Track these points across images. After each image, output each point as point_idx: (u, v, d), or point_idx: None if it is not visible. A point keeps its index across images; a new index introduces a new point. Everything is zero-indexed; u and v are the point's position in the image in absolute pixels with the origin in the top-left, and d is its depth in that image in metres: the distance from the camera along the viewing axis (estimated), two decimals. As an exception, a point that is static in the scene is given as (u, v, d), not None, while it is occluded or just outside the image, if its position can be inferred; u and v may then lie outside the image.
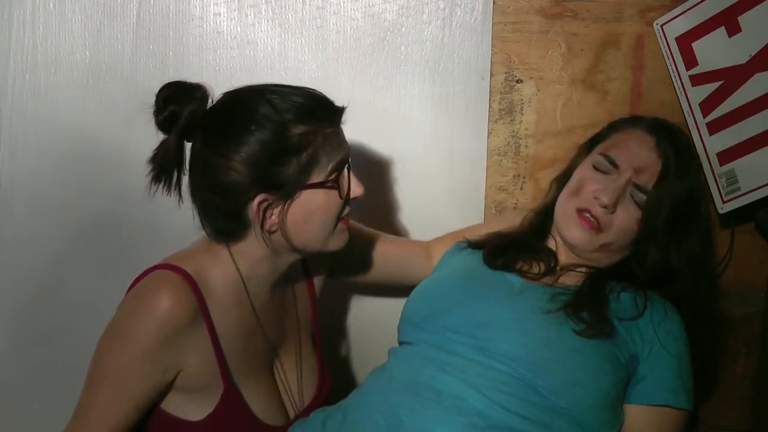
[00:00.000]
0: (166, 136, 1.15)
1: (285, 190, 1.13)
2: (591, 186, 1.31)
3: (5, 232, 1.60)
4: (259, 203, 1.13)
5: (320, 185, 1.15)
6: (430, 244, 1.52)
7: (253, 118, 1.12)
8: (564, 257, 1.36)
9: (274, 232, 1.16)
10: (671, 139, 1.33)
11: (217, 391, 1.18)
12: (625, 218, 1.29)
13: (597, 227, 1.29)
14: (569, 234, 1.31)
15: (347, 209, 1.21)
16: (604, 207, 1.28)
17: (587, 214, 1.29)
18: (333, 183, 1.16)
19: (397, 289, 1.57)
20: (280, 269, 1.24)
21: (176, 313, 1.12)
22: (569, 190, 1.35)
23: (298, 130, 1.12)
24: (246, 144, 1.11)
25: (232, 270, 1.20)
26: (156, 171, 1.15)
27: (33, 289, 1.61)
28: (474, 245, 1.44)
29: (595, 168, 1.33)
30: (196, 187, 1.17)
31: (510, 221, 1.48)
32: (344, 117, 1.19)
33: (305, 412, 1.30)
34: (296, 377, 1.32)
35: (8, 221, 1.59)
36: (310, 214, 1.16)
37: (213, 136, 1.14)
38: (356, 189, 1.20)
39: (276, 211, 1.14)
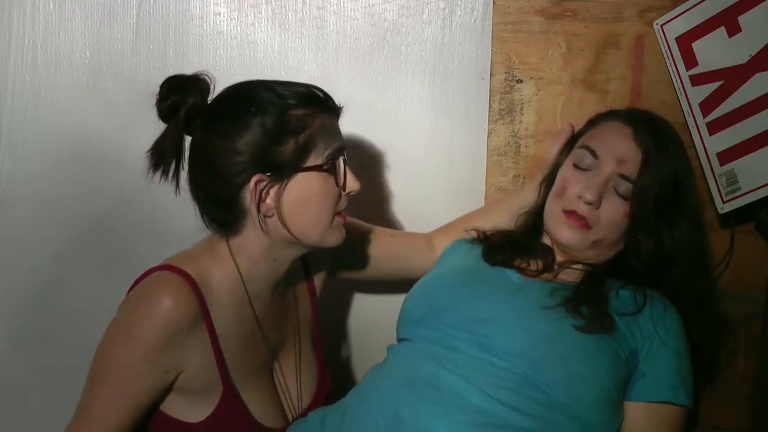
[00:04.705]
0: (168, 125, 1.16)
1: (282, 171, 1.14)
2: (574, 187, 1.31)
3: (5, 232, 1.60)
4: (256, 183, 1.14)
5: (317, 168, 1.15)
6: (432, 236, 1.51)
7: (254, 102, 1.14)
8: (561, 254, 1.36)
9: (270, 216, 1.16)
10: (649, 126, 1.33)
11: (216, 393, 1.18)
12: (612, 211, 1.29)
13: (585, 225, 1.29)
14: (560, 235, 1.32)
15: (344, 204, 1.21)
16: (589, 204, 1.29)
17: (574, 214, 1.30)
18: (330, 167, 1.17)
19: (398, 288, 1.57)
20: (280, 269, 1.24)
21: (177, 315, 1.12)
22: (554, 191, 1.36)
23: (297, 112, 1.14)
24: (248, 126, 1.13)
25: (233, 270, 1.20)
26: (156, 158, 1.16)
27: (33, 289, 1.61)
28: (479, 239, 1.44)
29: (576, 165, 1.34)
30: (193, 176, 1.18)
31: (522, 196, 1.47)
32: (343, 116, 1.20)
33: (303, 415, 1.30)
34: (295, 380, 1.32)
35: (8, 221, 1.59)
36: (306, 199, 1.16)
37: (215, 120, 1.15)
38: (353, 184, 1.20)
39: (272, 192, 1.15)
